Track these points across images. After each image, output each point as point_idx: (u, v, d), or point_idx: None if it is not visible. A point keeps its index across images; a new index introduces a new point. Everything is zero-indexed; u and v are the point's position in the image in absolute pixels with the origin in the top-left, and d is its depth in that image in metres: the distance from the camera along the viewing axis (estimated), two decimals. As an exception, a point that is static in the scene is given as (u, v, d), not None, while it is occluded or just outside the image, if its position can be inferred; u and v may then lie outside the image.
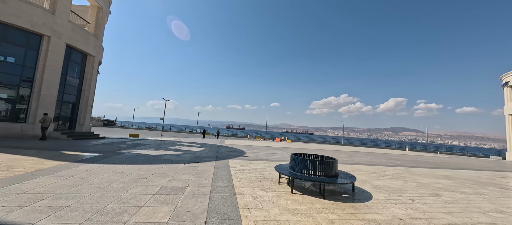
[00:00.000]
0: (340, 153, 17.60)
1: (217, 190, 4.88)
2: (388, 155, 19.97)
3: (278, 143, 28.92)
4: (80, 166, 6.32)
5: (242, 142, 23.75)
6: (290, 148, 19.32)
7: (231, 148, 15.55)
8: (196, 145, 16.24)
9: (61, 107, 15.15)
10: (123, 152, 9.71)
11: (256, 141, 29.47)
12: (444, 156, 26.09)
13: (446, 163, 15.40)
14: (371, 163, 12.32)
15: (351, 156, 15.87)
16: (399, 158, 16.74)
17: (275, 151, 15.19)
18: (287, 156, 12.86)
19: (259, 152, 14.05)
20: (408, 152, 32.67)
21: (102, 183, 4.81)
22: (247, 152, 13.50)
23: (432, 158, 20.49)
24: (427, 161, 16.38)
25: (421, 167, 12.12)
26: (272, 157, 11.60)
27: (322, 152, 17.69)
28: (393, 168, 10.63)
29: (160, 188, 4.70)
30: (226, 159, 9.80)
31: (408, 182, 7.45)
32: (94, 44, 17.05)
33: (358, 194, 5.41)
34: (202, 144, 17.57)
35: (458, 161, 18.85)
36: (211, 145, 16.65)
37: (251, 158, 10.60)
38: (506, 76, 30.12)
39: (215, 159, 9.41)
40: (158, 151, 10.82)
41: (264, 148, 17.76)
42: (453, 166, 13.93)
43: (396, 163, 12.98)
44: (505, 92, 30.50)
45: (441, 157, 22.73)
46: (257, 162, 9.55)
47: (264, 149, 16.27)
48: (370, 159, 14.31)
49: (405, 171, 9.90)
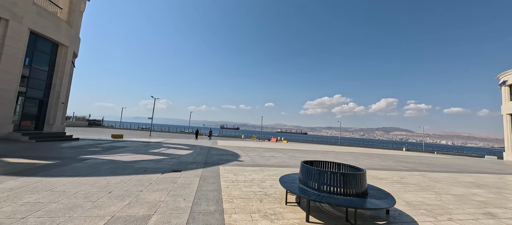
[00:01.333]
0: (343, 155, 16.24)
1: (198, 220, 3.24)
2: (392, 156, 18.80)
3: (274, 144, 27.41)
4: (7, 182, 4.51)
5: (236, 143, 22.07)
6: (288, 150, 17.82)
7: (223, 150, 13.86)
8: (184, 147, 14.45)
9: (24, 104, 13.01)
10: (87, 158, 7.86)
11: (251, 142, 27.84)
12: (444, 157, 25.32)
13: (455, 165, 14.29)
14: (382, 167, 10.94)
15: (356, 158, 14.50)
16: (406, 160, 15.52)
17: (273, 154, 13.62)
18: (288, 159, 11.31)
19: (256, 155, 12.45)
20: (407, 152, 31.90)
21: (15, 212, 3.08)
22: (242, 155, 11.86)
23: (435, 159, 19.48)
24: (434, 163, 15.24)
25: (437, 171, 10.84)
26: (271, 162, 10.01)
27: (324, 154, 16.28)
28: (409, 174, 9.26)
29: (106, 223, 3.00)
30: (216, 165, 8.13)
31: (441, 194, 6.03)
32: (67, 32, 14.94)
33: (396, 219, 3.90)
34: (191, 146, 15.79)
35: (462, 162, 17.89)
36: (201, 147, 14.89)
37: (246, 163, 8.96)
38: (504, 75, 29.79)
39: (203, 166, 7.72)
40: (134, 156, 9.01)
41: (261, 150, 16.17)
42: (465, 168, 12.78)
43: (408, 167, 11.68)
44: (502, 92, 30.17)
45: (442, 158, 21.83)
46: (254, 168, 7.93)
47: (261, 151, 14.68)
48: (378, 162, 12.96)
49: (425, 178, 8.54)
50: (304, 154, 14.81)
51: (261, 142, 28.75)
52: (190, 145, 16.40)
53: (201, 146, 15.69)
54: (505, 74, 29.50)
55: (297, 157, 12.86)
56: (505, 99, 29.56)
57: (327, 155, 15.36)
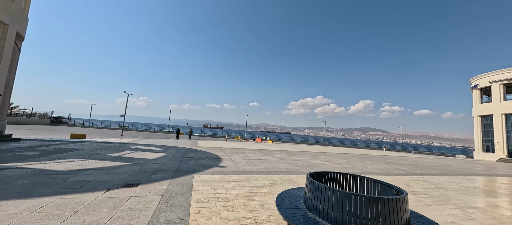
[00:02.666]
0: (334, 157, 15.29)
1: None
2: (381, 157, 18.40)
3: (260, 144, 26.01)
4: None
5: (219, 144, 20.25)
6: (276, 151, 16.48)
7: (203, 152, 12.05)
8: (157, 149, 12.36)
9: None
10: (7, 167, 5.66)
11: (235, 142, 26.14)
12: (424, 157, 25.94)
13: (442, 166, 14.06)
14: (378, 171, 10.01)
15: (348, 160, 13.58)
16: (396, 162, 15.01)
17: (259, 156, 12.14)
18: (277, 163, 9.89)
19: (240, 158, 10.85)
20: (389, 152, 32.51)
21: None
22: (224, 158, 10.20)
23: (419, 159, 19.53)
24: (422, 164, 14.95)
25: (434, 174, 10.19)
26: (259, 167, 8.50)
27: (313, 156, 15.20)
28: (410, 179, 8.36)
29: None
30: (190, 173, 6.41)
31: (464, 208, 5.00)
32: (7, 7, 11.97)
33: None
34: (166, 147, 13.70)
35: (444, 162, 18.05)
36: (177, 149, 12.90)
37: (229, 170, 7.34)
38: (475, 79, 31.63)
39: (172, 175, 5.96)
40: (81, 163, 6.91)
41: (246, 151, 14.61)
42: (454, 170, 12.47)
43: (403, 170, 10.93)
44: (474, 95, 32.03)
45: (424, 158, 22.16)
46: (238, 177, 6.35)
47: (246, 153, 13.12)
48: (371, 165, 12.12)
49: (429, 184, 7.65)
50: (293, 156, 13.56)
51: (245, 143, 27.18)
52: (164, 146, 14.28)
53: (177, 148, 13.67)
54: (477, 78, 31.32)
55: (287, 160, 11.53)
56: (476, 102, 31.39)
57: (317, 157, 14.30)
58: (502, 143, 27.01)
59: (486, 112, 29.41)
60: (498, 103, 27.76)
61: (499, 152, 27.21)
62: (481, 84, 30.28)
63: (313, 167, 9.58)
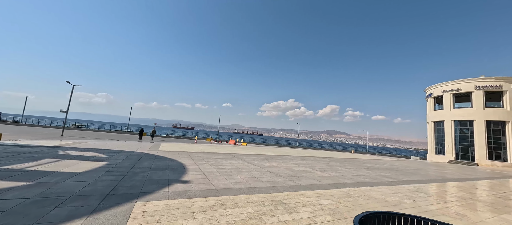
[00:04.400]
0: (315, 162, 14.14)
1: None
2: (357, 161, 18.12)
3: (234, 147, 23.89)
4: None
5: (187, 147, 17.51)
6: (252, 156, 14.65)
7: (163, 159, 9.49)
8: (97, 155, 9.31)
9: None
10: None
11: (206, 145, 23.51)
12: (390, 159, 27.24)
13: (417, 170, 14.17)
14: (369, 180, 8.97)
15: (331, 167, 12.50)
16: (374, 167, 14.63)
17: (235, 163, 10.12)
18: (257, 173, 8.02)
19: (211, 166, 8.68)
20: (360, 155, 33.73)
21: None
22: (190, 168, 7.91)
23: (390, 162, 20.02)
24: (396, 168, 14.93)
25: (421, 182, 9.64)
26: (236, 180, 6.52)
27: (293, 160, 13.80)
28: (408, 191, 7.42)
29: None
30: (130, 200, 4.09)
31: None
32: None
33: None
34: (114, 152, 10.62)
35: (414, 166, 18.77)
36: (128, 155, 10.02)
37: (194, 190, 5.18)
38: (430, 89, 35.14)
39: (95, 207, 3.58)
40: None
41: (218, 156, 12.42)
42: (432, 175, 12.48)
43: (390, 176, 10.22)
44: (428, 103, 35.55)
45: (392, 161, 23.06)
46: (209, 204, 4.28)
47: (218, 160, 10.96)
48: (356, 172, 11.20)
49: (429, 196, 6.75)
50: (273, 162, 11.92)
51: (218, 146, 24.72)
52: (113, 151, 11.13)
53: (129, 153, 10.71)
54: (431, 88, 34.79)
55: (267, 167, 9.78)
56: (430, 109, 34.84)
57: (298, 162, 12.94)
58: (452, 146, 30.26)
59: (438, 118, 32.75)
60: (449, 111, 31.10)
61: (449, 154, 30.41)
62: (435, 93, 33.68)
63: (300, 177, 8.02)
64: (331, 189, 6.44)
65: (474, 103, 28.96)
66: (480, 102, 28.43)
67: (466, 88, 29.74)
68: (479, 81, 29.02)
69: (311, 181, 7.46)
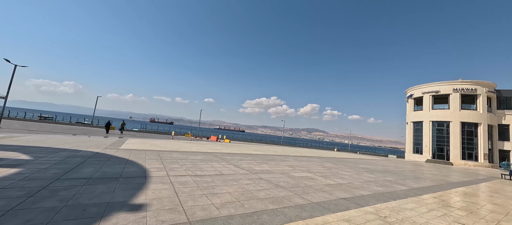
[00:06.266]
0: (310, 163, 12.49)
1: None
2: (350, 161, 17.04)
3: (216, 145, 21.49)
4: None
5: (159, 144, 14.77)
6: (239, 155, 12.56)
7: (119, 162, 6.94)
8: (12, 158, 6.45)
9: None
10: None
11: (183, 142, 20.77)
12: (374, 158, 27.13)
13: (414, 172, 13.41)
14: (384, 189, 7.47)
15: (330, 170, 10.91)
16: (376, 169, 13.51)
17: (219, 168, 7.93)
18: (248, 181, 5.97)
19: (185, 174, 6.41)
20: (343, 153, 33.48)
21: None
22: (153, 178, 5.57)
23: (384, 163, 19.42)
24: (392, 170, 14.06)
25: (438, 189, 8.45)
26: (220, 198, 4.39)
27: (284, 160, 11.99)
28: (437, 202, 5.99)
29: None
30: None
31: None
32: None
33: None
34: (50, 151, 7.73)
35: (402, 166, 18.34)
36: (68, 155, 7.24)
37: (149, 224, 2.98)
38: (411, 90, 36.13)
39: None
40: None
41: (196, 158, 10.09)
42: (441, 181, 11.64)
43: (403, 183, 8.92)
44: (408, 103, 36.59)
45: (378, 160, 22.72)
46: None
47: (196, 162, 8.67)
48: (359, 176, 9.74)
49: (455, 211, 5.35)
50: (264, 165, 9.97)
51: (198, 143, 22.09)
52: (47, 149, 8.18)
53: (72, 152, 7.88)
54: (412, 89, 35.76)
55: (259, 172, 7.78)
56: (410, 109, 35.85)
57: (291, 164, 11.17)
58: (429, 146, 31.34)
59: (418, 118, 33.77)
60: (428, 111, 32.12)
61: (426, 154, 31.49)
62: (415, 94, 34.66)
63: (305, 187, 6.17)
64: (354, 209, 4.66)
65: (451, 105, 30.18)
66: (457, 104, 29.68)
67: (445, 90, 30.88)
68: (457, 84, 30.25)
69: (321, 194, 5.64)
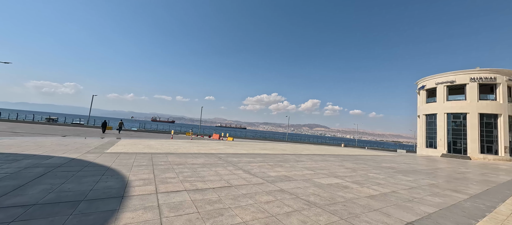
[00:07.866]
0: (330, 163, 10.77)
1: None
2: (369, 159, 15.29)
3: (219, 144, 19.86)
4: None
5: (155, 145, 13.13)
6: (246, 157, 10.88)
7: (96, 172, 5.28)
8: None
9: None
10: None
11: (183, 142, 19.15)
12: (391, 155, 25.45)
13: (446, 170, 11.70)
14: (443, 200, 5.76)
15: (353, 169, 9.20)
16: (401, 169, 11.80)
17: (225, 175, 6.27)
18: (272, 203, 4.26)
19: (181, 188, 4.75)
20: (353, 149, 31.80)
21: None
22: (133, 198, 3.89)
23: (404, 160, 17.70)
24: (421, 170, 12.34)
25: (502, 194, 6.73)
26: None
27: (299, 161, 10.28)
28: None
29: None
30: None
31: None
32: None
33: None
34: (15, 157, 6.09)
35: (419, 162, 16.63)
36: (32, 164, 5.58)
37: None
38: (422, 81, 34.13)
39: None
40: None
41: (197, 162, 8.42)
42: (487, 181, 9.92)
43: (455, 188, 7.21)
44: (419, 96, 34.64)
45: (392, 156, 21.02)
46: None
47: (197, 169, 7.00)
48: (394, 179, 8.03)
49: None
50: (278, 167, 8.27)
51: (199, 142, 20.46)
52: (14, 155, 6.54)
53: (41, 158, 6.22)
54: (424, 80, 33.77)
55: (276, 181, 6.10)
56: (422, 102, 33.91)
57: (306, 164, 9.48)
58: (444, 139, 29.54)
59: (431, 111, 31.88)
60: (442, 103, 30.22)
61: (441, 148, 29.71)
62: (428, 86, 32.68)
63: (350, 207, 4.49)
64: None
65: (468, 96, 28.25)
66: (474, 94, 27.75)
67: (461, 80, 28.91)
68: (474, 73, 28.27)
69: (375, 216, 3.94)
